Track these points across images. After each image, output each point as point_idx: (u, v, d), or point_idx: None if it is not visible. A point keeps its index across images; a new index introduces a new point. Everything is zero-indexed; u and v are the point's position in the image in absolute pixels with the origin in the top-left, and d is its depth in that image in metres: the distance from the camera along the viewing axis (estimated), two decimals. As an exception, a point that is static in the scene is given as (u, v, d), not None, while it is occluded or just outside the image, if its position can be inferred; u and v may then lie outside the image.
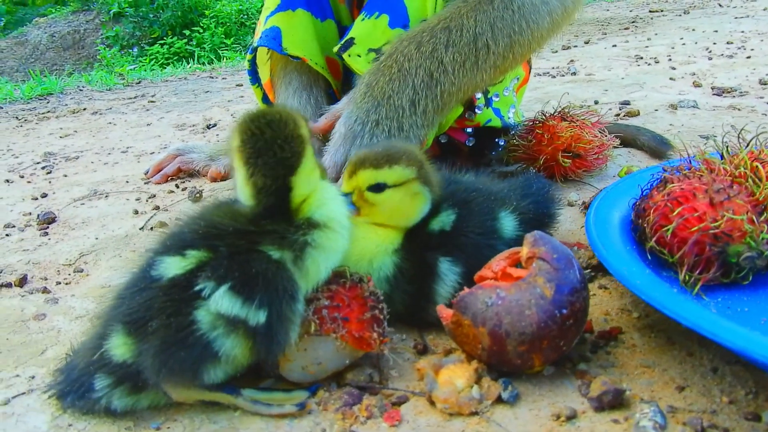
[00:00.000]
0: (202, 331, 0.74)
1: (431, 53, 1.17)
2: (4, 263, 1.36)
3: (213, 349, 0.74)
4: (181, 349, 0.74)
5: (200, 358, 0.74)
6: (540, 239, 0.83)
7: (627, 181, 1.14)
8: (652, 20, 5.24)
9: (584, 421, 0.76)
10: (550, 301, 0.77)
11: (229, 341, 0.75)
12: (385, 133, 1.15)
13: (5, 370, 0.95)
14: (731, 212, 0.89)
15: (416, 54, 1.18)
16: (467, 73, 1.20)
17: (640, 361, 0.87)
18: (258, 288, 0.75)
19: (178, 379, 0.76)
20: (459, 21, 1.20)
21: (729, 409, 0.76)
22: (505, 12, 1.22)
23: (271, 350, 0.76)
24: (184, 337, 0.74)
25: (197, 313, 0.74)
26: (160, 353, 0.74)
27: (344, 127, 1.18)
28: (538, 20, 1.26)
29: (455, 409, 0.78)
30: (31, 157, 2.33)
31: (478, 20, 1.19)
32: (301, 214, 0.81)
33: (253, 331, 0.74)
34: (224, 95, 3.47)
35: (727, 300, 0.89)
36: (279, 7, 1.40)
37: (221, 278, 0.75)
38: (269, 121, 0.80)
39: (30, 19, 11.53)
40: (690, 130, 1.92)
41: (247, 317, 0.74)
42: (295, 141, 0.80)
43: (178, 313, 0.74)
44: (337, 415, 0.79)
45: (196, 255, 0.78)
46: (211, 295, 0.74)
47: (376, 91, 1.18)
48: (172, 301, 0.75)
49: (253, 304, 0.74)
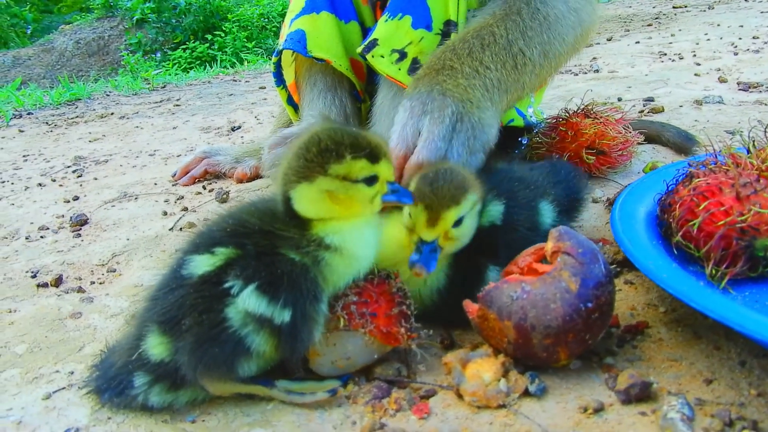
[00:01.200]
0: (234, 327, 0.76)
1: (468, 54, 1.15)
2: (40, 264, 1.40)
3: (245, 345, 0.77)
4: (215, 345, 0.76)
5: (234, 354, 0.77)
6: (565, 234, 0.84)
7: (652, 177, 1.14)
8: (675, 16, 5.19)
9: (612, 413, 0.77)
10: (576, 295, 0.78)
11: (259, 338, 0.77)
12: (458, 98, 1.09)
13: (45, 366, 0.99)
14: (758, 206, 0.89)
15: (454, 57, 1.15)
16: (510, 74, 1.18)
17: (667, 355, 0.87)
18: (283, 288, 0.76)
19: (215, 374, 0.78)
20: (489, 30, 1.19)
21: (758, 401, 0.77)
22: (533, 22, 1.21)
23: (296, 348, 0.78)
24: (217, 333, 0.76)
25: (228, 310, 0.76)
26: (196, 350, 0.76)
27: (408, 98, 1.12)
28: (563, 33, 1.26)
29: (483, 402, 0.79)
30: (62, 161, 2.39)
31: (508, 29, 1.19)
32: (313, 230, 0.81)
33: (278, 329, 0.77)
34: (247, 98, 3.51)
35: (755, 294, 0.88)
36: (303, 10, 1.42)
37: (249, 278, 0.77)
38: (312, 134, 0.81)
39: (56, 27, 11.76)
40: (715, 126, 1.91)
41: (272, 316, 0.76)
42: (305, 163, 0.79)
43: (209, 310, 0.77)
44: (366, 408, 0.81)
45: (224, 252, 0.80)
46: (240, 294, 0.76)
47: (428, 81, 1.13)
48: (203, 298, 0.78)
49: (278, 304, 0.76)
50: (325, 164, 0.78)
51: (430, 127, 1.05)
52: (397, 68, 1.29)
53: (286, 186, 0.81)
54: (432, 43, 1.30)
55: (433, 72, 1.13)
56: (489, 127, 1.11)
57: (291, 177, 0.80)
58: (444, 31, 1.30)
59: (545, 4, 1.24)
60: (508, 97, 1.19)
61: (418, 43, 1.29)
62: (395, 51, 1.29)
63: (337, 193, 0.79)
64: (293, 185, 0.80)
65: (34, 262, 1.42)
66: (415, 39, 1.29)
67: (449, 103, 1.08)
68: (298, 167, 0.79)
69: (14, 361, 1.01)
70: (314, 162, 0.78)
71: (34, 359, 1.01)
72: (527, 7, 1.22)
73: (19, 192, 2.02)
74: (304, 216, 0.82)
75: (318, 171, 0.78)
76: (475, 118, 1.08)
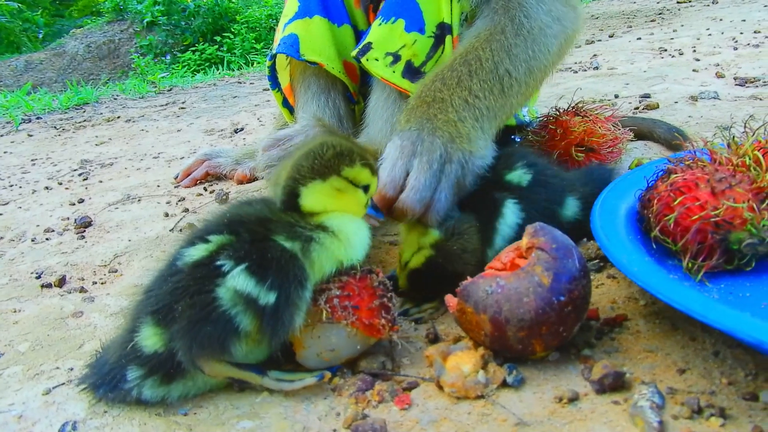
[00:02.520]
0: (224, 307, 0.81)
1: (458, 84, 1.17)
2: (45, 265, 1.45)
3: (235, 324, 0.81)
4: (207, 324, 0.80)
5: (225, 332, 0.81)
6: (540, 230, 0.87)
7: (635, 174, 1.16)
8: (679, 11, 5.18)
9: (586, 402, 0.80)
10: (548, 289, 0.81)
11: (246, 318, 0.81)
12: (447, 136, 1.12)
13: (47, 363, 1.03)
14: (732, 200, 0.91)
15: (444, 87, 1.17)
16: (498, 99, 1.20)
17: (643, 346, 0.90)
18: (271, 271, 0.82)
19: (209, 354, 0.82)
20: (475, 54, 1.21)
21: (728, 390, 0.79)
22: (517, 38, 1.24)
23: (277, 331, 0.82)
24: (209, 313, 0.80)
25: (219, 290, 0.81)
26: (189, 330, 0.80)
27: (399, 137, 1.13)
28: (547, 44, 1.29)
29: (462, 393, 0.82)
30: (68, 165, 2.44)
31: (494, 50, 1.21)
32: (314, 219, 0.90)
33: (262, 310, 0.81)
34: (251, 100, 3.55)
35: (730, 286, 0.90)
36: (296, 14, 1.45)
37: (240, 259, 0.83)
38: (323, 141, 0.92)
39: (67, 31, 11.87)
40: (708, 122, 1.93)
41: (258, 296, 0.81)
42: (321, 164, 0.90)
43: (202, 292, 0.81)
44: (350, 399, 0.84)
45: (219, 239, 0.87)
46: (229, 272, 0.81)
47: (418, 114, 1.15)
48: (195, 280, 0.83)
49: (264, 285, 0.81)
50: (340, 166, 0.90)
51: (417, 174, 1.07)
52: (391, 71, 1.32)
53: (294, 183, 0.90)
54: (425, 46, 1.32)
55: (425, 105, 1.16)
56: (480, 158, 1.14)
57: (304, 174, 0.90)
58: (437, 34, 1.33)
59: (529, 17, 1.26)
60: (498, 122, 1.23)
61: (412, 46, 1.32)
62: (389, 54, 1.32)
63: (342, 192, 0.91)
64: (306, 181, 0.90)
65: (39, 264, 1.47)
66: (409, 42, 1.32)
67: (438, 145, 1.10)
68: (313, 166, 0.90)
69: (17, 359, 1.05)
70: (330, 162, 0.90)
71: (35, 356, 1.05)
72: (511, 22, 1.25)
73: (27, 195, 2.07)
74: (307, 210, 0.91)
75: (334, 171, 0.90)
76: (465, 155, 1.12)
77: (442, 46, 1.31)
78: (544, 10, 1.30)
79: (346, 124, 1.50)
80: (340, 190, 0.91)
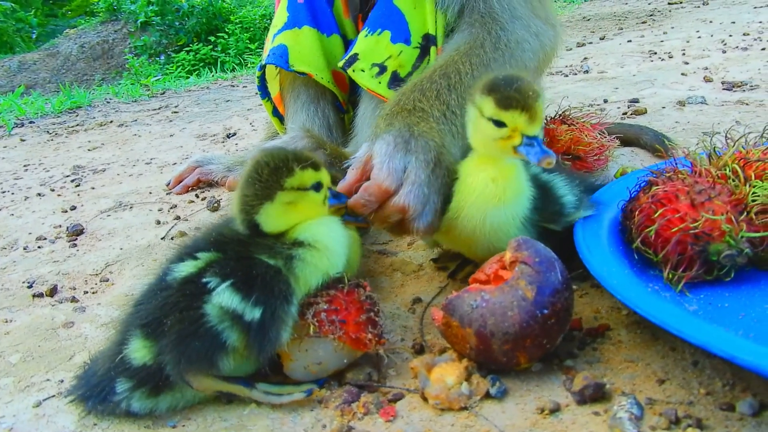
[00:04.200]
0: (212, 323, 0.82)
1: (437, 97, 1.16)
2: (37, 274, 1.46)
3: (222, 340, 0.82)
4: (196, 339, 0.82)
5: (212, 348, 0.82)
6: (523, 244, 0.89)
7: (619, 184, 1.18)
8: (670, 13, 5.21)
9: (567, 413, 0.81)
10: (532, 302, 0.83)
11: (234, 334, 0.83)
12: (435, 142, 1.08)
13: (37, 374, 1.04)
14: (711, 212, 0.93)
15: (422, 98, 1.15)
16: None
17: (624, 356, 0.91)
18: (256, 287, 0.84)
19: (197, 369, 0.83)
20: (455, 67, 1.21)
21: (705, 400, 0.81)
22: (495, 53, 1.25)
23: (263, 346, 0.83)
24: (197, 329, 0.82)
25: (206, 306, 0.83)
26: (178, 345, 0.82)
27: (387, 143, 1.08)
28: (524, 59, 1.30)
29: (446, 405, 0.84)
30: (61, 171, 2.44)
31: (473, 64, 1.22)
32: (288, 236, 0.91)
33: (248, 326, 0.82)
34: (244, 104, 3.56)
35: (710, 296, 0.92)
36: (286, 25, 1.47)
37: (226, 276, 0.85)
38: (256, 161, 0.90)
39: (61, 31, 11.82)
40: (695, 127, 1.95)
41: (243, 312, 0.82)
42: (262, 186, 0.89)
43: (190, 308, 0.83)
44: (336, 411, 0.86)
45: (207, 256, 0.89)
46: (215, 289, 0.83)
47: (401, 118, 1.12)
48: (184, 297, 0.84)
49: (250, 301, 0.83)
50: (280, 180, 0.88)
51: (416, 171, 1.04)
52: (377, 82, 1.34)
53: (248, 215, 0.90)
54: (411, 57, 1.34)
55: (405, 112, 1.12)
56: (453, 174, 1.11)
57: (252, 203, 0.89)
58: (422, 45, 1.35)
59: (506, 30, 1.28)
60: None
61: (397, 57, 1.34)
62: (375, 65, 1.34)
63: (295, 202, 0.90)
64: (256, 209, 0.89)
65: (30, 273, 1.48)
66: (395, 53, 1.34)
67: (432, 146, 1.07)
68: (257, 192, 0.88)
69: (8, 370, 1.06)
70: (270, 181, 0.89)
71: (26, 368, 1.06)
72: (489, 36, 1.27)
73: (19, 202, 2.08)
74: (273, 232, 0.91)
75: (276, 187, 0.89)
76: (451, 163, 1.09)
77: (428, 57, 1.33)
78: (522, 24, 1.32)
79: (335, 134, 1.52)
80: (291, 202, 0.90)
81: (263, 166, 0.89)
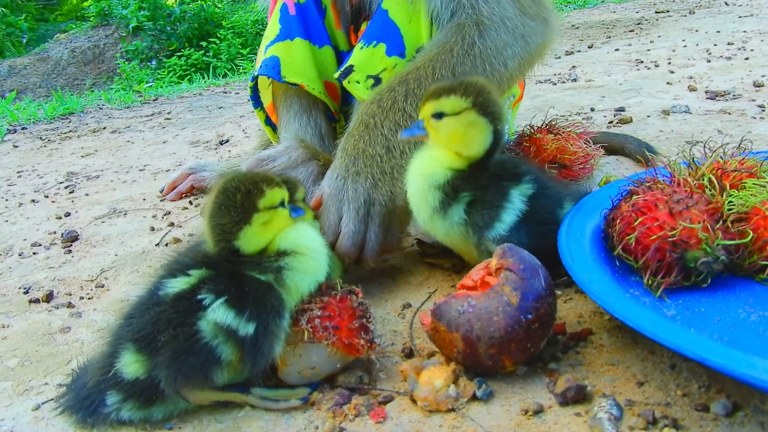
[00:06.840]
0: (206, 339, 0.85)
1: (392, 106, 1.24)
2: (33, 280, 1.48)
3: (216, 355, 0.85)
4: (190, 356, 0.84)
5: (207, 363, 0.85)
6: (509, 251, 0.92)
7: (602, 193, 1.22)
8: (657, 21, 5.28)
9: (550, 415, 0.85)
10: (516, 308, 0.86)
11: (227, 349, 0.85)
12: (369, 180, 1.21)
13: (35, 378, 1.06)
14: (689, 221, 0.97)
15: (378, 110, 1.25)
16: None
17: (606, 360, 0.95)
18: (249, 303, 0.86)
19: (193, 384, 0.86)
20: (416, 74, 1.27)
21: (682, 401, 0.84)
22: (465, 58, 1.28)
23: (257, 360, 0.86)
24: (192, 345, 0.84)
25: (200, 323, 0.85)
26: (173, 362, 0.84)
27: (328, 187, 1.23)
28: (503, 63, 1.33)
29: (434, 407, 0.87)
30: (54, 177, 2.46)
31: (436, 68, 1.26)
32: (269, 250, 0.94)
33: (242, 341, 0.85)
34: (237, 110, 3.59)
35: (687, 302, 0.96)
36: (278, 37, 1.50)
37: (220, 293, 0.87)
38: (224, 189, 0.92)
39: (51, 36, 11.79)
40: (678, 136, 2.00)
41: (237, 328, 0.85)
42: (238, 211, 0.91)
43: (184, 324, 0.85)
44: (328, 413, 0.89)
45: (198, 273, 0.91)
46: (210, 306, 0.86)
47: (350, 150, 1.25)
48: (178, 313, 0.86)
49: (243, 317, 0.85)
50: (255, 202, 0.91)
51: (347, 221, 1.20)
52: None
53: (227, 243, 0.92)
54: None
55: (357, 134, 1.26)
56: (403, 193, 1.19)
57: (230, 230, 0.91)
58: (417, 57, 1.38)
59: (483, 37, 1.30)
60: None
61: (392, 70, 1.37)
62: (370, 77, 1.38)
63: (270, 220, 0.93)
64: (236, 235, 0.91)
65: (26, 279, 1.50)
66: (389, 65, 1.37)
67: (361, 192, 1.21)
68: (234, 218, 0.90)
69: (6, 375, 1.08)
70: (246, 205, 0.91)
71: (25, 372, 1.08)
72: (462, 42, 1.29)
73: (13, 208, 2.10)
74: (254, 251, 0.93)
75: (253, 210, 0.91)
76: (386, 197, 1.22)
77: None
78: (509, 27, 1.33)
79: (327, 142, 1.55)
80: (267, 221, 0.92)
81: (234, 192, 0.91)
